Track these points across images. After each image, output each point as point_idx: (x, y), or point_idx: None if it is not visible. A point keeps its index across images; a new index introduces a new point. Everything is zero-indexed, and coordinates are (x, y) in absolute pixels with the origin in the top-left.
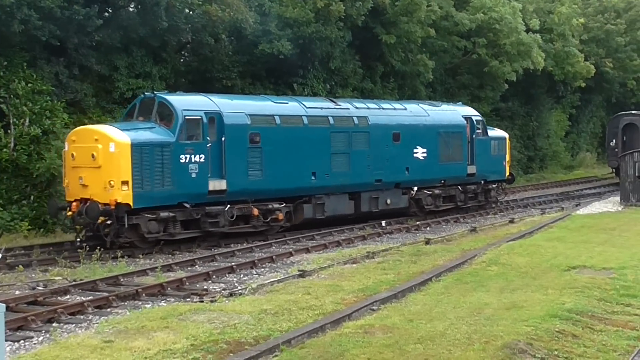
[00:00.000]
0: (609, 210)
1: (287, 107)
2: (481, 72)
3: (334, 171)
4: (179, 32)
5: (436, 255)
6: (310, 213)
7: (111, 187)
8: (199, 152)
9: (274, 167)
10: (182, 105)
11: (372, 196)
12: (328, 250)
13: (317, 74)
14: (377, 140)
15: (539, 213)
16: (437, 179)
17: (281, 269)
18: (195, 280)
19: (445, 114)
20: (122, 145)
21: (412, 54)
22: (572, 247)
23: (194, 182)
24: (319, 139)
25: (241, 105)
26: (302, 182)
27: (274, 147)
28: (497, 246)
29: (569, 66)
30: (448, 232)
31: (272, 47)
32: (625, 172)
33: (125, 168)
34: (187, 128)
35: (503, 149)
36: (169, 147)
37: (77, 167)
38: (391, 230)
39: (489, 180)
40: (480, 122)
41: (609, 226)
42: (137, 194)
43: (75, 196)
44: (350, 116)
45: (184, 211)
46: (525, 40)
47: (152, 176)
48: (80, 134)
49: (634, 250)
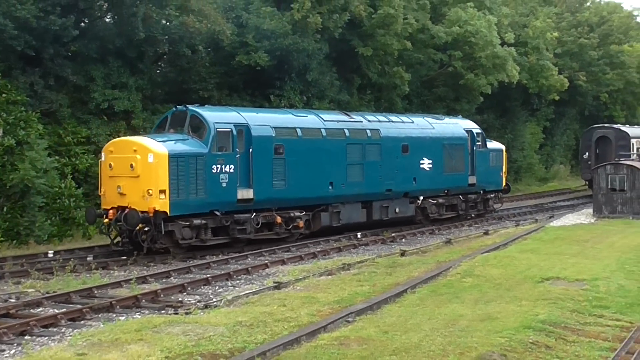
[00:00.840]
0: (582, 222)
1: (307, 120)
2: (457, 85)
3: (349, 181)
4: (156, 43)
5: (411, 267)
6: (327, 221)
7: (149, 196)
8: (229, 162)
9: (296, 177)
10: (213, 118)
11: (382, 205)
12: (304, 262)
13: (294, 85)
14: (388, 151)
15: (513, 225)
16: (442, 189)
17: (256, 280)
18: (170, 292)
19: (449, 127)
20: (160, 156)
21: (388, 66)
22: (545, 258)
23: (224, 191)
24: (336, 151)
25: (266, 118)
26: (321, 192)
27: (296, 158)
28: (472, 258)
29: (543, 79)
30: (423, 244)
31: (249, 58)
32: (598, 185)
33: (163, 178)
34: (218, 140)
35: (500, 161)
36: (202, 157)
37: (115, 176)
38: (367, 242)
39: (487, 190)
40: (480, 135)
41: (582, 238)
42: (174, 202)
43: (112, 204)
44: (364, 129)
45: (214, 218)
46: (500, 53)
47: (187, 185)
48: (119, 145)
49: (607, 262)
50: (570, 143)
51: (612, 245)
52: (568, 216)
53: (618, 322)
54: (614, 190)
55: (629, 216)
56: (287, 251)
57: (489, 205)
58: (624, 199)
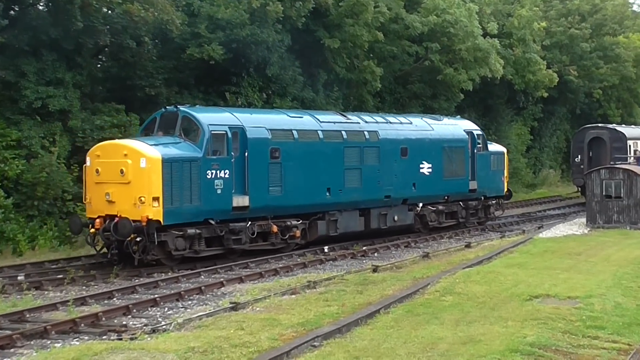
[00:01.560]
0: (575, 233)
1: (303, 122)
2: (434, 81)
3: (347, 187)
4: (96, 34)
5: (385, 284)
6: (324, 230)
7: (141, 204)
8: (224, 167)
9: (293, 183)
10: (208, 120)
11: (381, 212)
12: (264, 280)
13: (252, 81)
14: (386, 155)
15: (498, 237)
16: (441, 195)
17: (211, 301)
18: (112, 314)
19: (449, 128)
20: (153, 161)
21: (358, 60)
22: (534, 274)
23: (219, 198)
24: (333, 154)
25: (261, 119)
26: (318, 198)
27: (292, 163)
28: (452, 274)
29: (530, 74)
30: (398, 259)
31: (201, 51)
32: (591, 191)
33: (156, 184)
34: (212, 143)
35: (502, 164)
36: (197, 162)
37: (103, 182)
38: (334, 257)
39: (488, 196)
40: (481, 137)
41: (574, 251)
42: (167, 210)
43: (99, 212)
44: (361, 130)
45: (209, 228)
46: (483, 45)
47: (181, 192)
48: (107, 149)
49: (602, 277)
50: (561, 145)
51: (607, 258)
52: (559, 226)
53: (615, 344)
54: (609, 197)
55: (626, 226)
56: (245, 267)
57: (490, 213)
58: (621, 207)
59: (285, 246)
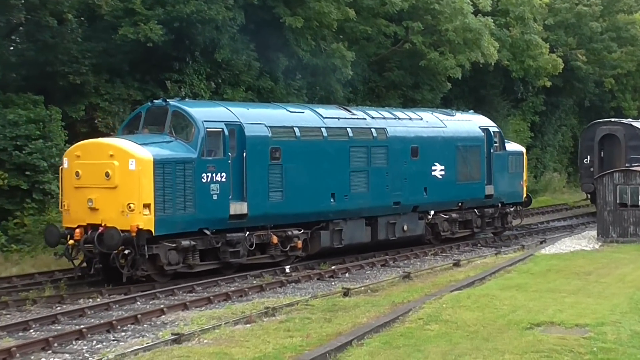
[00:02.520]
0: (583, 249)
1: (305, 118)
2: (416, 67)
3: (352, 192)
4: (8, 10)
5: (358, 311)
6: (327, 241)
7: (130, 211)
8: (220, 170)
9: (294, 188)
10: (202, 116)
11: (389, 221)
12: (213, 306)
13: (198, 68)
14: (395, 155)
15: (492, 253)
16: (455, 202)
17: (149, 332)
18: (29, 349)
19: (463, 125)
20: (143, 162)
21: (325, 42)
22: (535, 297)
23: (215, 205)
24: (338, 155)
25: (260, 115)
26: (322, 205)
27: (294, 164)
28: (438, 297)
29: (530, 60)
30: (373, 280)
31: (137, 31)
32: (603, 199)
33: (147, 189)
34: (208, 142)
35: (520, 166)
36: (191, 164)
37: (84, 187)
38: (297, 278)
39: (506, 202)
40: (498, 134)
41: (583, 270)
42: (160, 218)
43: (79, 221)
44: (368, 127)
45: (203, 239)
46: (474, 25)
47: (174, 198)
48: (89, 149)
49: (615, 301)
50: (567, 144)
51: (622, 278)
52: (564, 241)
53: None
54: (625, 206)
55: None
56: (191, 291)
57: (507, 222)
58: (638, 218)
59: (286, 259)
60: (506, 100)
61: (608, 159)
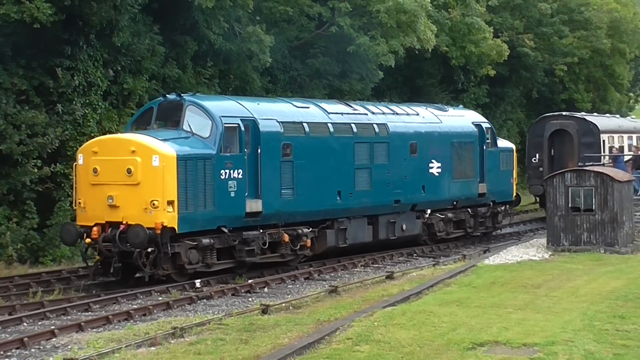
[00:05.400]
0: (532, 259)
1: (312, 113)
2: (344, 54)
3: (357, 190)
4: None
5: (278, 330)
6: (332, 240)
7: (154, 208)
8: (237, 166)
9: (304, 185)
10: (219, 111)
11: (389, 220)
12: (112, 326)
13: (93, 53)
14: (396, 152)
15: (429, 264)
16: (450, 200)
17: (37, 357)
18: None
19: (457, 121)
20: (167, 159)
21: (239, 25)
22: (478, 314)
23: (232, 203)
24: (343, 151)
25: (271, 110)
26: (329, 203)
27: (304, 161)
28: (369, 315)
29: (472, 45)
30: (296, 295)
31: (21, 10)
32: (553, 202)
33: (171, 185)
34: (225, 138)
35: (511, 164)
36: (211, 160)
37: (103, 184)
38: (209, 293)
39: (497, 201)
40: (490, 130)
41: (531, 282)
42: (183, 216)
43: (96, 219)
44: (370, 123)
45: (221, 237)
46: (409, 6)
47: (196, 195)
48: (108, 145)
49: (567, 318)
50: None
51: (575, 292)
52: (511, 249)
53: None
54: (577, 210)
55: (600, 249)
56: (86, 310)
57: (498, 222)
58: (592, 224)
59: (294, 258)
60: (445, 91)
61: (559, 158)
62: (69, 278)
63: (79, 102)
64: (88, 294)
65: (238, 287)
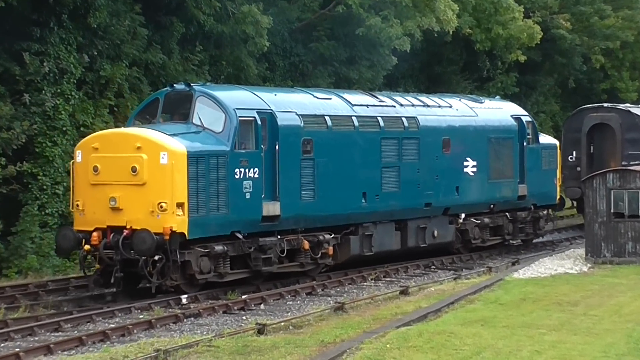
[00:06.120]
0: (568, 272)
1: (334, 105)
2: (352, 37)
3: (384, 191)
4: None
5: (277, 353)
6: (357, 248)
7: (162, 211)
8: (253, 164)
9: (326, 186)
10: (233, 103)
11: (419, 226)
12: (86, 349)
13: (66, 36)
14: (427, 149)
15: (450, 277)
16: (486, 203)
17: None
18: None
19: (494, 114)
20: (177, 156)
21: (233, 4)
22: (506, 335)
23: (248, 205)
24: (369, 148)
25: (289, 101)
26: (353, 206)
27: (326, 159)
28: (381, 335)
29: (500, 27)
30: (297, 313)
31: None
32: (592, 207)
33: (181, 186)
34: (240, 133)
35: (554, 162)
36: (224, 157)
37: (104, 184)
38: (197, 311)
39: (538, 205)
40: (531, 125)
41: (567, 299)
42: (193, 220)
43: (96, 223)
44: (398, 116)
45: (235, 244)
46: None
47: (208, 197)
48: (110, 140)
49: (610, 340)
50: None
51: (618, 310)
52: (544, 261)
53: None
54: (621, 216)
55: None
56: (56, 329)
57: (539, 227)
58: (638, 232)
59: (314, 267)
60: (468, 79)
61: (599, 156)
62: (37, 293)
63: (49, 91)
64: (58, 311)
65: (230, 304)
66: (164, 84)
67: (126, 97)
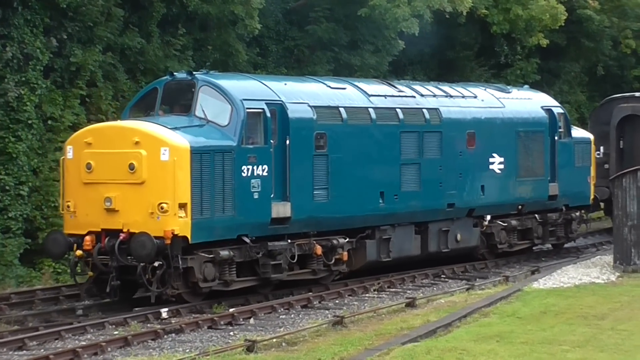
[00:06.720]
0: (594, 282)
1: (349, 95)
2: (354, 19)
3: (403, 191)
4: None
5: None
6: (373, 253)
7: (163, 213)
8: (261, 161)
9: (341, 185)
10: (240, 93)
11: (442, 229)
12: None
13: (32, 17)
14: (450, 144)
15: (462, 288)
16: (514, 204)
17: None
18: None
19: (523, 105)
20: (179, 152)
21: None
22: (525, 352)
23: (256, 206)
24: (388, 143)
25: (301, 92)
26: (370, 207)
27: (341, 155)
28: (385, 353)
29: (519, 8)
30: (290, 328)
31: None
32: (622, 209)
33: (184, 185)
34: (247, 127)
35: (588, 159)
36: (231, 154)
37: (99, 182)
38: (179, 326)
39: (571, 205)
40: (563, 117)
41: (593, 311)
42: (197, 222)
43: (89, 226)
44: (419, 108)
45: (241, 249)
46: None
47: (212, 197)
48: (105, 134)
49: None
50: None
51: None
52: (567, 269)
53: None
54: None
55: None
56: (20, 347)
57: (572, 230)
58: None
59: (328, 274)
60: (484, 66)
61: (630, 152)
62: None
63: (12, 80)
64: (22, 327)
65: (216, 318)
66: (141, 71)
67: (99, 87)
